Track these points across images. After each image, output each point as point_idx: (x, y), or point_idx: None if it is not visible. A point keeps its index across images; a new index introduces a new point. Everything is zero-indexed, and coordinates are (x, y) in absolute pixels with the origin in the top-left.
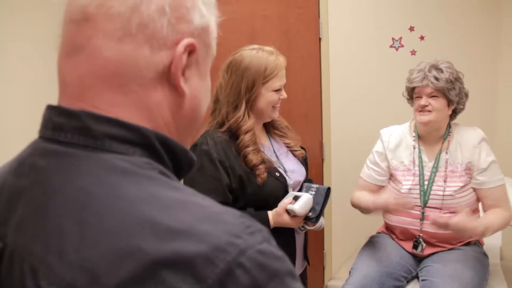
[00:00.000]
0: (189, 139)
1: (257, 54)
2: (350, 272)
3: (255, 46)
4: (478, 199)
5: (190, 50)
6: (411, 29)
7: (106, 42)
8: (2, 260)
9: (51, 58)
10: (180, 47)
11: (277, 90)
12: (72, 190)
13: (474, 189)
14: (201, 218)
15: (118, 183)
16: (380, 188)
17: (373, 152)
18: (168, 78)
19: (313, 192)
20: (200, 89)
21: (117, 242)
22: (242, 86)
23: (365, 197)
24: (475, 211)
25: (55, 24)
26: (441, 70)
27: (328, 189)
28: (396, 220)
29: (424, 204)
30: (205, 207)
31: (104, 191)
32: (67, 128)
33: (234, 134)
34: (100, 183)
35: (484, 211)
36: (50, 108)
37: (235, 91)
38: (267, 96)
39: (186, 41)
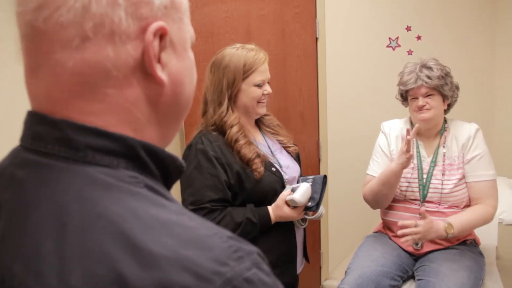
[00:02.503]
0: (175, 128)
1: (237, 52)
2: (346, 271)
3: (237, 45)
4: None
5: (161, 34)
6: (408, 29)
7: (65, 52)
8: None
9: None
10: (149, 35)
11: (260, 85)
12: (51, 206)
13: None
14: (186, 243)
15: (99, 199)
16: None
17: (378, 145)
18: (143, 69)
19: (310, 182)
20: (180, 70)
21: (99, 267)
22: (223, 83)
23: (379, 176)
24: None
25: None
26: (431, 68)
27: (325, 177)
28: (395, 216)
29: (423, 199)
30: (190, 230)
31: (84, 208)
32: (47, 138)
33: (221, 130)
34: (80, 199)
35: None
36: (31, 115)
37: (217, 89)
38: (250, 91)
39: (153, 26)
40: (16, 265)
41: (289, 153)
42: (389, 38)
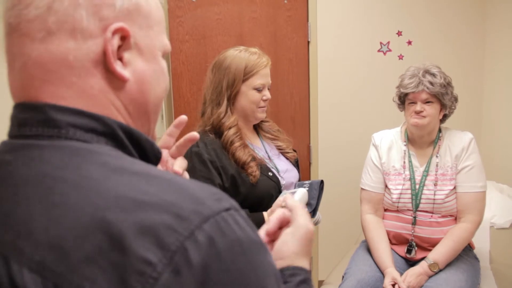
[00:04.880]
0: (145, 125)
1: (239, 54)
2: (343, 276)
3: (241, 47)
4: None
5: (123, 35)
6: (399, 33)
7: (32, 45)
8: None
9: None
10: (108, 33)
11: (259, 90)
12: (37, 177)
13: None
14: (166, 189)
15: (83, 163)
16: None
17: (370, 158)
18: (104, 64)
19: (307, 187)
20: (146, 72)
21: (83, 216)
22: (223, 83)
23: (380, 246)
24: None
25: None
26: (434, 75)
27: (322, 182)
28: (389, 225)
29: (416, 208)
30: (171, 180)
31: (69, 173)
32: (31, 122)
33: (218, 132)
34: (65, 166)
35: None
36: (15, 107)
37: (217, 89)
38: (249, 95)
39: (113, 26)
40: (6, 234)
41: (287, 158)
42: (380, 43)
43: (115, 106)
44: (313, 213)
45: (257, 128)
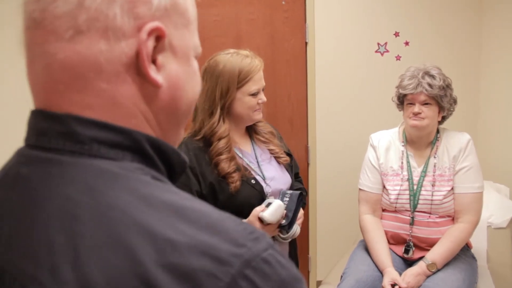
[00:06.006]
0: (175, 133)
1: (231, 58)
2: (341, 276)
3: (231, 50)
4: None
5: (158, 35)
6: (396, 34)
7: (58, 44)
8: None
9: None
10: (143, 33)
11: (254, 94)
12: (59, 199)
13: None
14: (202, 228)
15: (108, 189)
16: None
17: (368, 159)
18: (137, 68)
19: (287, 199)
20: (180, 75)
21: (116, 256)
22: (216, 92)
23: (379, 246)
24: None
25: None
26: (434, 77)
27: (300, 194)
28: (387, 225)
29: (414, 209)
30: (204, 214)
31: (93, 199)
32: (51, 133)
33: (208, 141)
34: (88, 190)
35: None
36: (33, 113)
37: (210, 98)
38: (245, 101)
39: (148, 26)
40: (27, 262)
41: (280, 163)
42: (378, 44)
43: (145, 116)
44: (289, 225)
45: (250, 131)
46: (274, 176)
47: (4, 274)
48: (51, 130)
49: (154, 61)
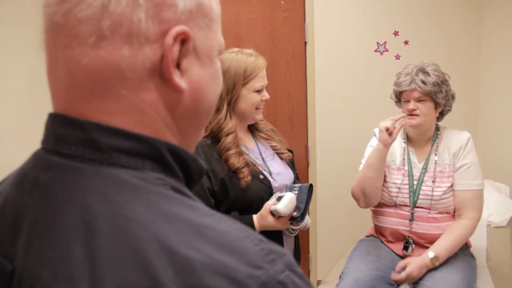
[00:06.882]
0: (195, 135)
1: (236, 57)
2: (340, 276)
3: (235, 49)
4: None
5: (183, 39)
6: (396, 33)
7: (81, 49)
8: (11, 285)
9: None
10: (169, 38)
11: (259, 91)
12: (78, 210)
13: None
14: (219, 247)
15: (127, 202)
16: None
17: (370, 147)
18: (160, 74)
19: (296, 191)
20: (203, 78)
21: (133, 272)
22: (223, 88)
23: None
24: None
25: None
26: (428, 74)
27: (310, 185)
28: (386, 221)
29: (414, 205)
30: (222, 233)
31: (112, 211)
32: (71, 140)
33: (216, 137)
34: (107, 201)
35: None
36: (53, 117)
37: None
38: (250, 97)
39: (174, 30)
40: (44, 271)
41: (282, 159)
42: (377, 43)
43: (165, 121)
44: (301, 217)
45: (252, 128)
46: (280, 172)
47: (22, 279)
48: (71, 136)
49: (178, 66)
